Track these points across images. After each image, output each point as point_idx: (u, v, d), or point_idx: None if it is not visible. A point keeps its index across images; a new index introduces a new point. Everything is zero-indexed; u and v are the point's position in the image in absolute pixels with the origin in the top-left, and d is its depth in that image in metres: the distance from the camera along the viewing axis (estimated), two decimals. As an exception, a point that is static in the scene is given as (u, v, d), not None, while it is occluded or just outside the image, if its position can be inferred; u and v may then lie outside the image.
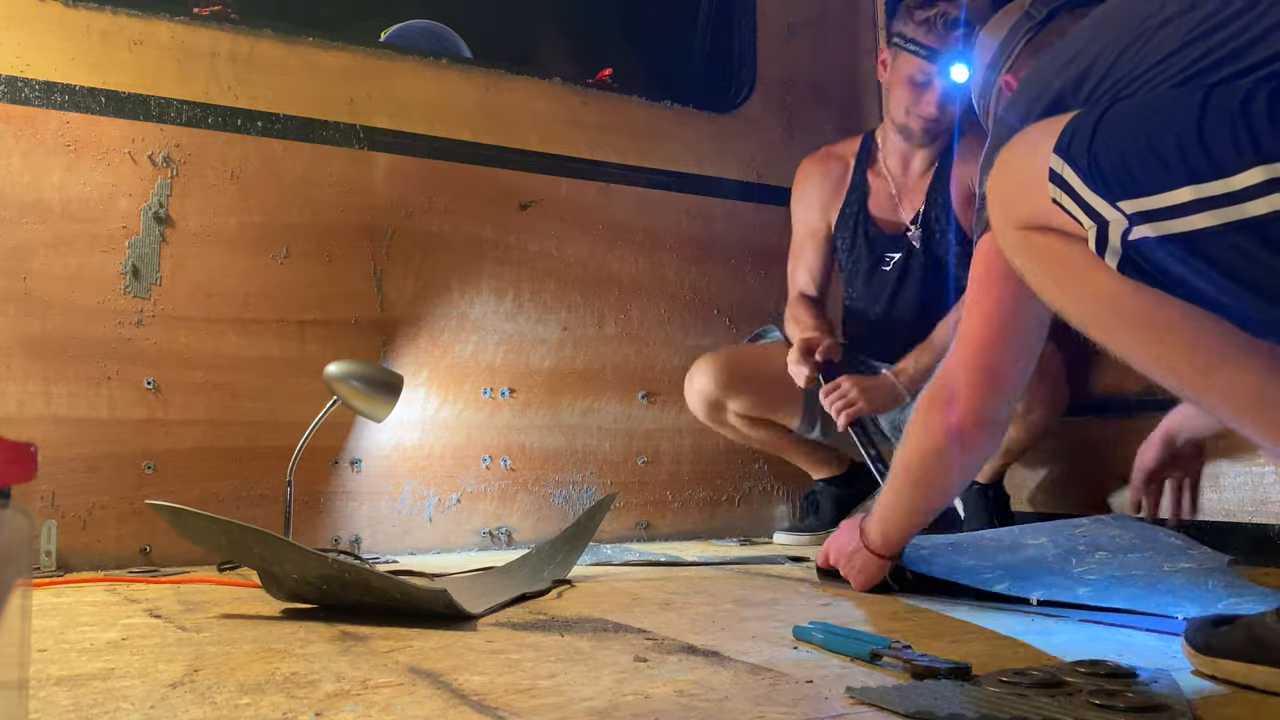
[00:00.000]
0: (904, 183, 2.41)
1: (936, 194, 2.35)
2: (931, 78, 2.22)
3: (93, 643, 1.21)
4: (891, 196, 2.42)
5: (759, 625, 1.29)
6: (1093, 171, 0.97)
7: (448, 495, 2.44)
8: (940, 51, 2.19)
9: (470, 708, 0.87)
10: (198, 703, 0.90)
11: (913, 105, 2.28)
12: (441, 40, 2.75)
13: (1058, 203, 1.00)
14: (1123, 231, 0.95)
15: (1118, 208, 0.95)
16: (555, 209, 2.61)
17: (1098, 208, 0.97)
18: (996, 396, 1.37)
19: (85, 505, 2.07)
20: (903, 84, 2.27)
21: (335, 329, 2.34)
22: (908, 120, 2.31)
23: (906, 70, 2.25)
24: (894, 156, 2.42)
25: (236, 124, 2.27)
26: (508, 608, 1.45)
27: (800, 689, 0.92)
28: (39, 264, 2.08)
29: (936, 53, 2.19)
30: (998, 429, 1.40)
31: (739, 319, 2.83)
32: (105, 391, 2.11)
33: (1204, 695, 0.89)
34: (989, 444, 1.41)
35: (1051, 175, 1.00)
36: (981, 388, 1.37)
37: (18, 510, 0.65)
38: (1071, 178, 0.98)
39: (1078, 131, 0.99)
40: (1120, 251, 0.96)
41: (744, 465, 2.80)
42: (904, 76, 2.26)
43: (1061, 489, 2.45)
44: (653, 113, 2.78)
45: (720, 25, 3.03)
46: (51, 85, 2.11)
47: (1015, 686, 0.88)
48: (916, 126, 2.31)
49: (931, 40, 2.19)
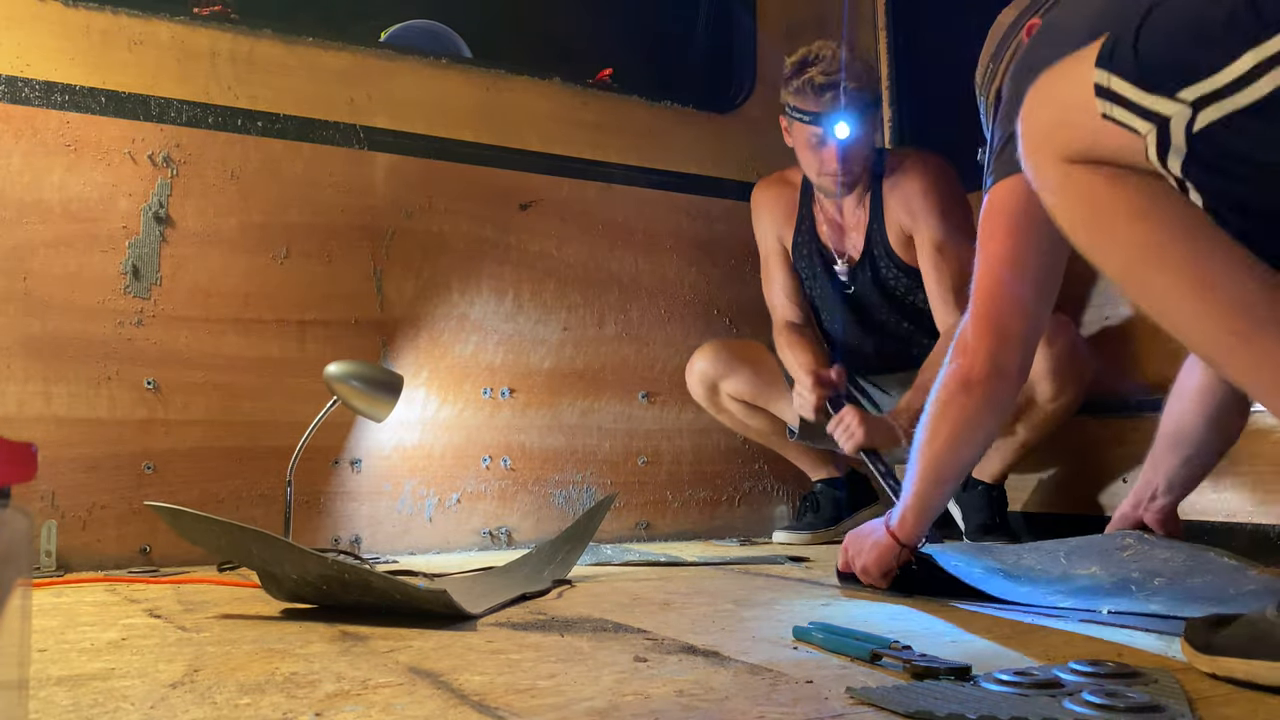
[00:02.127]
0: (841, 221, 2.48)
1: (875, 234, 2.42)
2: (823, 138, 2.31)
3: (93, 643, 1.21)
4: (836, 227, 2.48)
5: (759, 625, 1.29)
6: (1143, 71, 0.94)
7: (448, 495, 2.44)
8: (820, 114, 2.29)
9: (470, 708, 0.87)
10: (198, 703, 0.90)
11: (817, 165, 2.37)
12: (441, 40, 2.75)
13: (1108, 117, 0.96)
14: (1186, 123, 0.92)
15: (1177, 99, 0.92)
16: (555, 209, 2.61)
17: (1154, 107, 0.94)
18: (1005, 344, 1.36)
19: (85, 505, 2.07)
20: (803, 148, 2.38)
21: (335, 329, 2.34)
22: (820, 179, 2.40)
23: (802, 136, 2.36)
24: (825, 202, 2.49)
25: (236, 124, 2.27)
26: (508, 608, 1.45)
27: (800, 689, 0.92)
28: (39, 264, 2.08)
29: (818, 116, 2.30)
30: (1008, 379, 1.37)
31: (739, 319, 2.83)
32: (105, 391, 2.11)
33: (1204, 695, 0.89)
34: (1001, 395, 1.38)
35: (1097, 90, 0.97)
36: (989, 335, 1.36)
37: (18, 510, 0.65)
38: (1120, 85, 0.95)
39: (1118, 42, 0.96)
40: (1185, 148, 0.93)
41: (744, 465, 2.80)
42: (802, 141, 2.37)
43: (1060, 489, 2.45)
44: (653, 113, 2.78)
45: (720, 25, 3.03)
46: (51, 85, 2.11)
47: (1015, 686, 0.88)
48: (828, 183, 2.39)
49: (810, 105, 2.30)
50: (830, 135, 2.29)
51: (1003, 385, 1.38)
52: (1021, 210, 1.34)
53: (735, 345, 2.58)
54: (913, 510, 1.48)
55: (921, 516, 1.49)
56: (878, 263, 2.42)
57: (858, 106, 2.28)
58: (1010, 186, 1.36)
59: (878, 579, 1.54)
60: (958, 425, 1.41)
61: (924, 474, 1.46)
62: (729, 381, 2.52)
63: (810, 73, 2.28)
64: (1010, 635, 1.21)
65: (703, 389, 2.54)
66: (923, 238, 2.33)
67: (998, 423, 1.46)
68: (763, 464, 2.80)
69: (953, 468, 1.46)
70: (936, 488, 1.47)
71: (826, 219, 2.48)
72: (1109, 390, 2.24)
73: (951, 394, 1.40)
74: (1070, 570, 1.50)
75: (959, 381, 1.39)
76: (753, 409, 2.55)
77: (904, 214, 2.35)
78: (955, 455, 1.44)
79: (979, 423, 1.42)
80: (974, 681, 0.92)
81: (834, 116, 2.28)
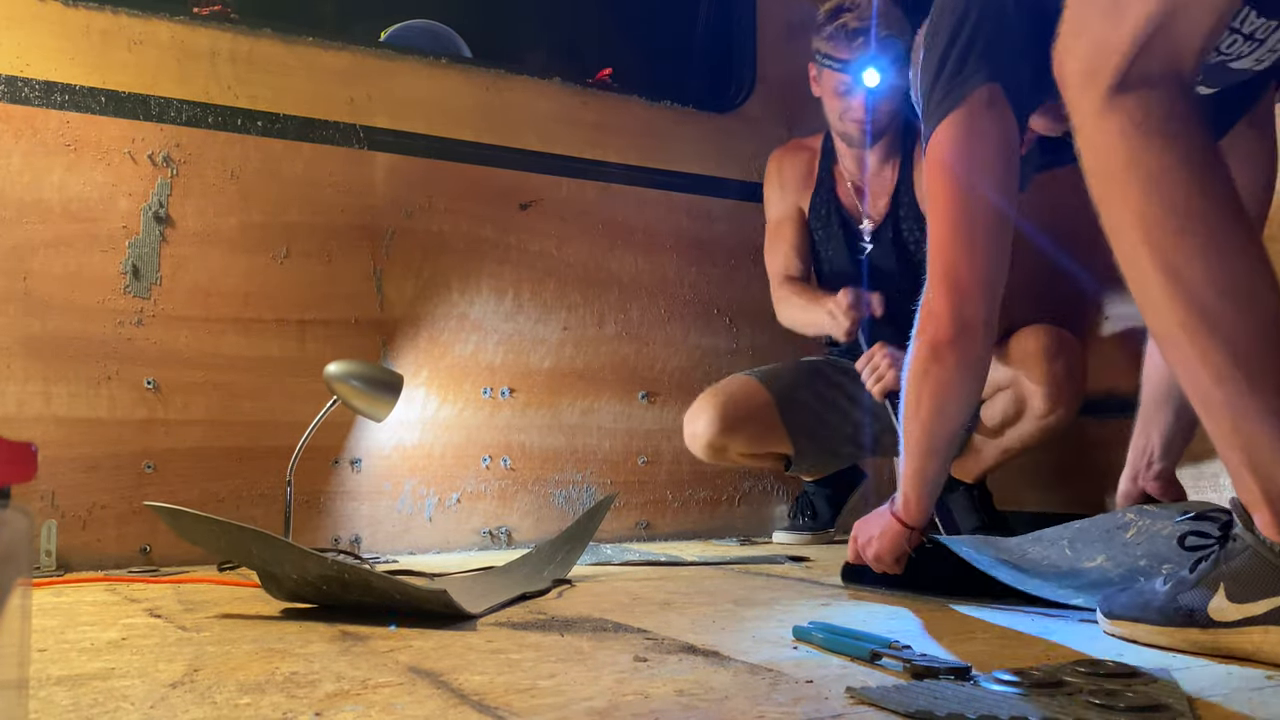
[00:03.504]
0: (863, 180, 2.48)
1: (903, 193, 2.41)
2: (851, 86, 2.33)
3: (93, 643, 1.21)
4: (856, 190, 2.48)
5: (759, 625, 1.29)
6: None
7: (448, 495, 2.44)
8: (851, 61, 2.31)
9: (470, 708, 0.87)
10: (198, 703, 0.90)
11: (843, 113, 2.38)
12: (441, 40, 2.75)
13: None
14: None
15: None
16: (555, 209, 2.61)
17: None
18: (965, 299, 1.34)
19: (85, 505, 2.07)
20: (831, 96, 2.39)
21: (335, 329, 2.34)
22: (844, 127, 2.41)
23: (829, 83, 2.37)
24: (848, 159, 2.49)
25: (236, 124, 2.27)
26: (508, 608, 1.45)
27: (800, 689, 0.92)
28: (39, 264, 2.08)
29: (848, 63, 2.31)
30: (974, 335, 1.35)
31: (739, 319, 2.83)
32: (105, 391, 2.11)
33: (1205, 695, 0.89)
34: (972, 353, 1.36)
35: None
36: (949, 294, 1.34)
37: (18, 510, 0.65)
38: None
39: None
40: None
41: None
42: (829, 89, 2.38)
43: (1060, 489, 2.45)
44: (653, 113, 2.78)
45: (720, 25, 3.03)
46: (51, 85, 2.11)
47: (1015, 686, 0.88)
48: (853, 131, 2.40)
49: (842, 52, 2.31)
50: (859, 82, 2.30)
51: (971, 343, 1.35)
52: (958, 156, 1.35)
53: (730, 402, 2.40)
54: (913, 488, 1.46)
55: (922, 493, 1.46)
56: (900, 224, 2.40)
57: (889, 54, 2.28)
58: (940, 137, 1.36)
59: (890, 565, 1.52)
60: (938, 394, 1.39)
61: (916, 449, 1.44)
62: (736, 443, 2.41)
63: (845, 18, 2.29)
64: (1010, 635, 1.22)
65: (711, 454, 2.43)
66: None
67: (979, 381, 1.43)
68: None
69: (943, 437, 1.43)
70: (931, 459, 1.44)
71: (849, 180, 2.48)
72: (1109, 390, 2.24)
73: (925, 364, 1.38)
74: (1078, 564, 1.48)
75: (929, 350, 1.37)
76: (759, 456, 2.49)
77: None
78: (942, 424, 1.41)
79: (958, 386, 1.39)
80: (974, 681, 0.92)
81: (864, 62, 2.28)
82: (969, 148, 1.36)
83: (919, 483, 1.46)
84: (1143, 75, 0.99)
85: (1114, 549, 1.45)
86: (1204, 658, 1.05)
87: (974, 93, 1.35)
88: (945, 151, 1.36)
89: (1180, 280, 0.97)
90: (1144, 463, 1.60)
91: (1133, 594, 1.17)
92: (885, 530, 1.51)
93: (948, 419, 1.41)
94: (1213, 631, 1.05)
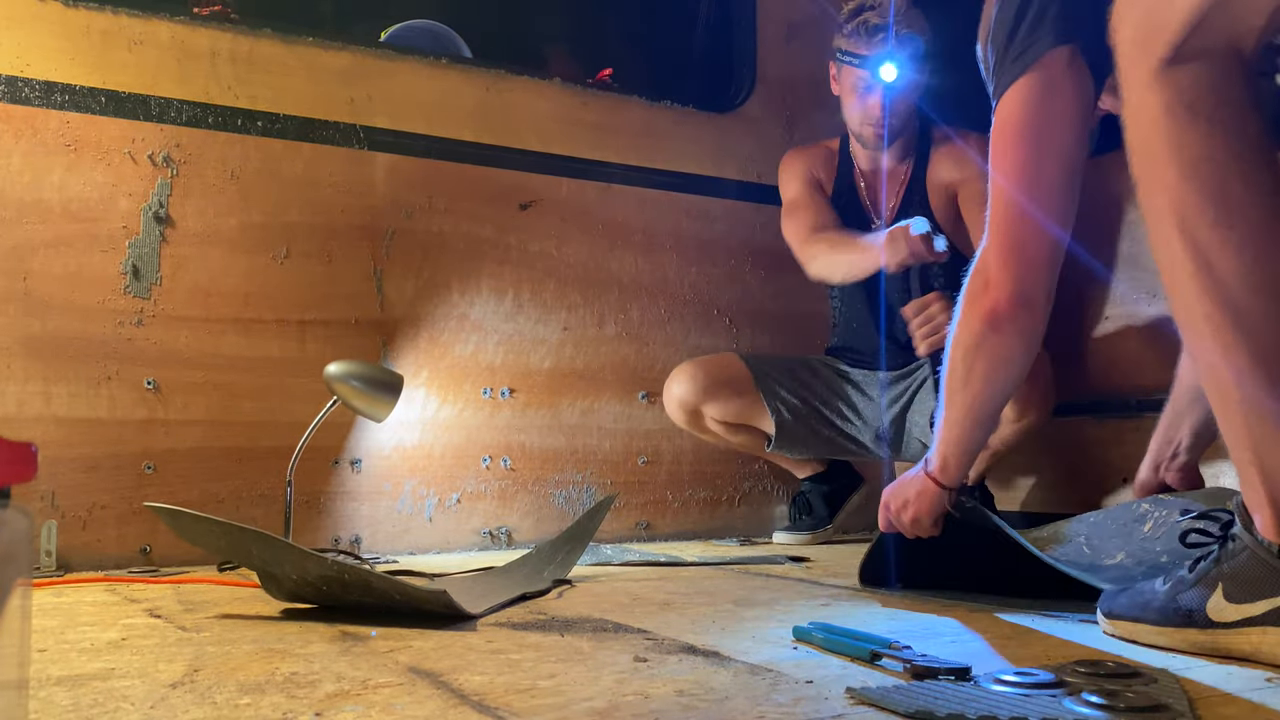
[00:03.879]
0: (877, 184, 2.48)
1: (915, 192, 2.42)
2: (871, 83, 2.33)
3: (93, 643, 1.21)
4: (873, 189, 2.49)
5: (759, 625, 1.29)
6: None
7: (448, 495, 2.44)
8: (870, 57, 2.30)
9: (470, 708, 0.87)
10: (198, 703, 0.90)
11: (862, 112, 2.38)
12: (441, 40, 2.75)
13: None
14: None
15: None
16: (555, 209, 2.61)
17: None
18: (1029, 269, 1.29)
19: (85, 505, 2.07)
20: (849, 93, 2.39)
21: (335, 329, 2.34)
22: (861, 128, 2.41)
23: (849, 80, 2.37)
24: (863, 161, 2.50)
25: (236, 124, 2.27)
26: (508, 608, 1.45)
27: (800, 689, 0.92)
28: (39, 264, 2.08)
29: (868, 59, 2.31)
30: (1036, 309, 1.31)
31: (739, 319, 2.83)
32: (105, 391, 2.11)
33: (1204, 695, 0.89)
34: (1029, 326, 1.32)
35: None
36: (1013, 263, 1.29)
37: (18, 510, 0.65)
38: None
39: None
40: None
41: (744, 465, 2.80)
42: (849, 87, 2.38)
43: (1058, 489, 2.45)
44: (653, 113, 2.78)
45: (720, 25, 3.03)
46: (51, 85, 2.11)
47: (1015, 686, 0.88)
48: (869, 132, 2.39)
49: (862, 49, 2.31)
50: (878, 80, 2.31)
51: (1031, 316, 1.31)
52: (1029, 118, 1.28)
53: (710, 366, 2.51)
54: (954, 453, 1.44)
55: (963, 458, 1.45)
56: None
57: (908, 51, 2.29)
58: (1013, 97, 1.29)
59: (929, 527, 1.51)
60: (993, 366, 1.35)
61: (962, 417, 1.41)
62: (711, 406, 2.47)
63: (866, 14, 2.30)
64: (1010, 635, 1.22)
65: (684, 414, 2.50)
66: (972, 189, 2.29)
67: (1033, 354, 1.39)
68: (763, 464, 2.80)
69: (990, 408, 1.41)
70: (978, 428, 1.42)
71: (865, 180, 2.49)
72: (1109, 390, 2.25)
73: (979, 334, 1.34)
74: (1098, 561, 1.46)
75: (986, 320, 1.32)
76: (735, 427, 2.52)
77: (954, 169, 2.36)
78: (992, 396, 1.39)
79: (1014, 359, 1.36)
80: (974, 681, 0.92)
81: (883, 57, 2.29)
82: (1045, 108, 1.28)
83: (963, 449, 1.44)
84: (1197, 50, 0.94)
85: (1133, 544, 1.44)
86: (1204, 658, 1.05)
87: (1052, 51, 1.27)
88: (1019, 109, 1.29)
89: (1212, 272, 0.94)
90: (1169, 454, 1.58)
91: (1132, 594, 1.17)
92: (922, 492, 1.49)
93: (1000, 390, 1.39)
94: (1211, 632, 1.05)
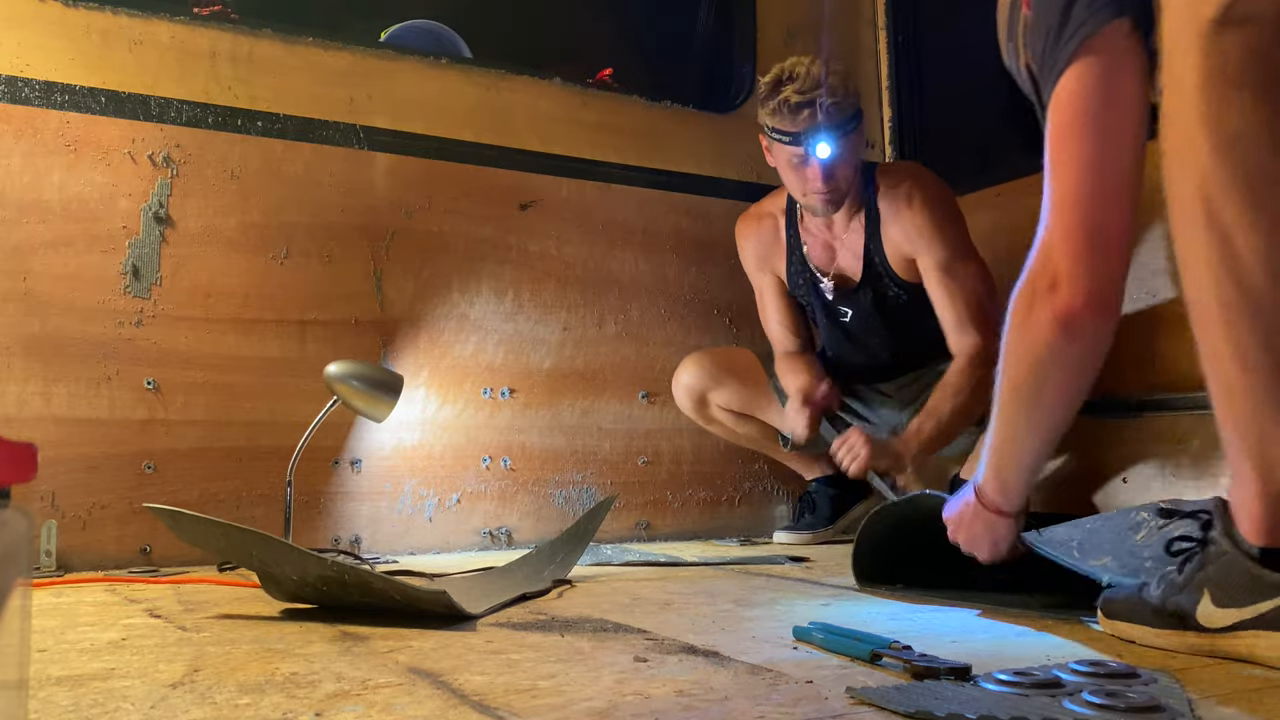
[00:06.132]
0: (832, 238, 2.42)
1: (874, 255, 2.36)
2: (804, 157, 2.25)
3: (93, 643, 1.21)
4: (827, 247, 2.44)
5: (759, 625, 1.29)
6: None
7: (448, 495, 2.44)
8: (799, 133, 2.23)
9: (470, 708, 0.87)
10: (198, 703, 0.90)
11: (801, 185, 2.31)
12: (441, 40, 2.75)
13: None
14: None
15: None
16: (555, 209, 2.61)
17: None
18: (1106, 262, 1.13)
19: (85, 505, 2.07)
20: (785, 168, 2.32)
21: (335, 329, 2.34)
22: (806, 199, 2.34)
23: (782, 156, 2.30)
24: (811, 222, 2.44)
25: (236, 124, 2.27)
26: (508, 608, 1.45)
27: (800, 689, 0.92)
28: (39, 264, 2.08)
29: (797, 135, 2.23)
30: (1111, 308, 1.15)
31: (739, 319, 2.83)
32: (105, 391, 2.11)
33: (1204, 695, 0.89)
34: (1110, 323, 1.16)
35: None
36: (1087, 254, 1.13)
37: (18, 510, 0.65)
38: None
39: None
40: None
41: (744, 465, 2.80)
42: (784, 162, 2.30)
43: (1060, 489, 2.45)
44: (653, 113, 2.78)
45: (720, 25, 3.03)
46: (51, 85, 2.11)
47: (1015, 686, 0.88)
48: (815, 201, 2.32)
49: (788, 125, 2.23)
50: (812, 154, 2.23)
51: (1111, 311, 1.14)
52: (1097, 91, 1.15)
53: (721, 355, 2.56)
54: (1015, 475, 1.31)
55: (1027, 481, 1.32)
56: (880, 283, 2.38)
57: (837, 123, 2.21)
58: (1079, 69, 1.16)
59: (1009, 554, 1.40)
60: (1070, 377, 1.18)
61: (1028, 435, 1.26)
62: (717, 393, 2.51)
63: (785, 92, 2.21)
64: (1010, 635, 1.22)
65: (690, 401, 2.54)
66: (928, 261, 2.28)
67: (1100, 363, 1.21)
68: (763, 464, 2.80)
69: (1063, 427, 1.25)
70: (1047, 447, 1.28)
71: (815, 240, 2.43)
72: (1109, 391, 2.24)
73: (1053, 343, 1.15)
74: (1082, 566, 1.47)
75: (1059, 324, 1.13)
76: (742, 418, 2.55)
77: (904, 240, 2.31)
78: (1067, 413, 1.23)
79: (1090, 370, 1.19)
80: (974, 681, 0.92)
81: (814, 135, 2.21)
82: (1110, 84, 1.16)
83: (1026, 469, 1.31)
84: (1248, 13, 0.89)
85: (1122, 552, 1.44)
86: (1202, 658, 1.05)
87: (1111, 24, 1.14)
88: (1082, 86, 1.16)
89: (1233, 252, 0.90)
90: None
91: (1130, 594, 1.18)
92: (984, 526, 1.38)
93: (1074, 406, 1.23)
94: (1206, 636, 1.05)
